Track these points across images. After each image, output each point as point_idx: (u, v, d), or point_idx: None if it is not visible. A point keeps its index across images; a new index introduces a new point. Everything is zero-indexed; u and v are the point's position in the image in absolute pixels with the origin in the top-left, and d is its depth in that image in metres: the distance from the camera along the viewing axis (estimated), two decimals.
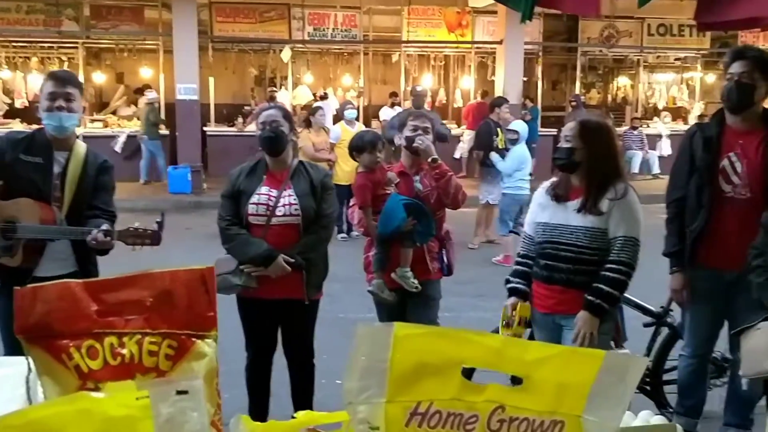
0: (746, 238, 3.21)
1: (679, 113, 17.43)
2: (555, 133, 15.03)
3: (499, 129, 8.89)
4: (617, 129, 8.41)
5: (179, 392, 1.03)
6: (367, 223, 4.01)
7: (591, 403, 1.24)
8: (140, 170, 13.15)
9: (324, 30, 15.08)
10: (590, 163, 3.17)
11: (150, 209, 11.43)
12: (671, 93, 17.59)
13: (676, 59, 17.60)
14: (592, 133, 3.21)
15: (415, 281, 3.90)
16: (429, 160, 3.91)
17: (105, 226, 3.18)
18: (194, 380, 1.10)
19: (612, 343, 3.44)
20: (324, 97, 13.98)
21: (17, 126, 12.74)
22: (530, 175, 8.37)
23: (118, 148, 13.33)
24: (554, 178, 3.38)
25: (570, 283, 3.17)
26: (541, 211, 3.32)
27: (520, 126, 8.44)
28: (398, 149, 4.24)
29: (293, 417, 1.32)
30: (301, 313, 3.68)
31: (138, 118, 13.86)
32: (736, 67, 3.36)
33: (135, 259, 2.75)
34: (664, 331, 4.17)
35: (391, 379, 1.16)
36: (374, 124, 13.89)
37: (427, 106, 12.47)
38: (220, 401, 1.51)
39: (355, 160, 4.27)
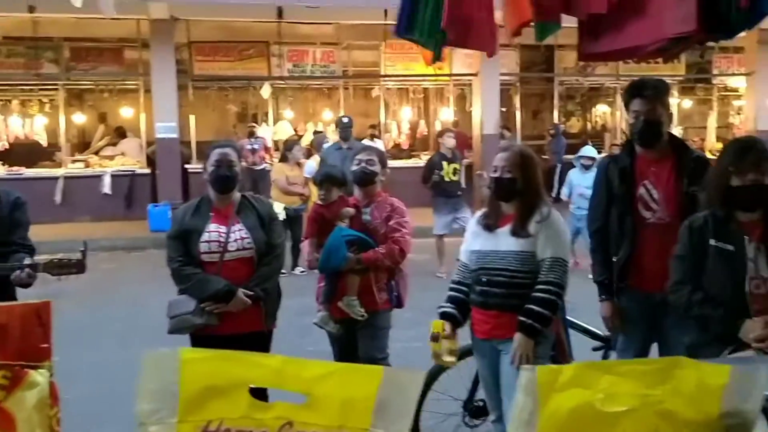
0: (667, 260, 3.33)
1: None
2: None
3: (445, 162, 9.06)
4: (598, 156, 8.67)
5: None
6: (309, 256, 4.08)
7: (377, 417, 1.32)
8: None
9: (303, 66, 15.30)
10: (525, 191, 3.30)
11: (129, 247, 11.58)
12: None
13: None
14: (528, 162, 3.35)
15: (361, 309, 3.94)
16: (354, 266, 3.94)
17: (27, 261, 3.25)
18: None
19: None
20: (318, 132, 14.13)
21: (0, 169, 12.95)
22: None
23: (107, 189, 13.46)
24: (485, 208, 3.48)
25: (505, 307, 3.25)
26: (474, 240, 3.42)
27: (592, 152, 8.72)
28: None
29: None
30: (262, 345, 3.72)
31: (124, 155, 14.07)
32: (638, 105, 3.47)
33: (110, 294, 2.81)
34: (613, 355, 4.24)
35: (182, 400, 1.25)
36: None
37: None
38: (58, 429, 1.60)
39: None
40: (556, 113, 17.01)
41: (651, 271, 3.50)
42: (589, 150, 9.10)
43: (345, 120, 9.65)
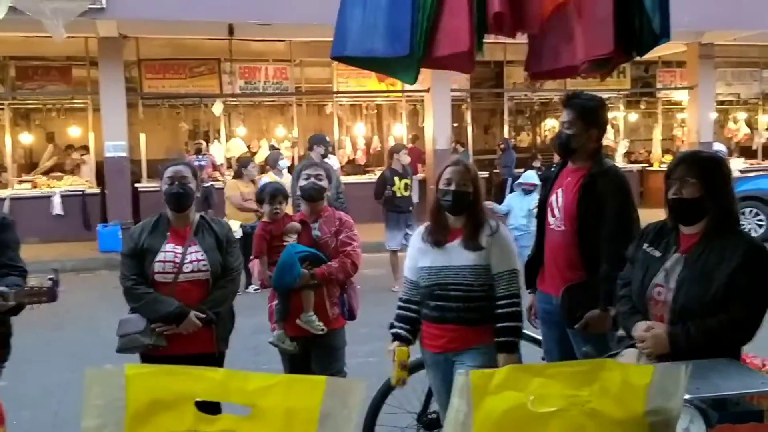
0: (562, 266, 3.57)
1: (605, 152, 17.99)
2: (486, 175, 15.51)
3: (396, 177, 9.17)
4: (538, 182, 8.88)
5: None
6: (261, 274, 4.06)
7: (322, 427, 1.37)
8: None
9: (255, 83, 15.33)
10: (475, 204, 3.37)
11: (79, 269, 11.37)
12: None
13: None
14: (476, 176, 3.42)
15: (320, 324, 3.93)
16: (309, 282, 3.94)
17: (2, 288, 3.11)
18: None
19: None
20: (274, 148, 14.10)
21: None
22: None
23: (58, 210, 13.25)
24: (427, 223, 3.53)
25: (462, 321, 3.28)
26: (422, 257, 3.42)
27: (533, 177, 8.92)
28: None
29: None
30: (214, 366, 3.66)
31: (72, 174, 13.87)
32: (563, 116, 3.64)
33: (60, 316, 2.72)
34: None
35: (129, 415, 1.27)
36: None
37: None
38: None
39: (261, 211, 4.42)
40: (506, 128, 17.32)
41: (549, 275, 3.69)
42: (530, 176, 9.30)
43: (327, 138, 9.75)
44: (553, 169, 3.92)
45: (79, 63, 14.19)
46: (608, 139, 18.28)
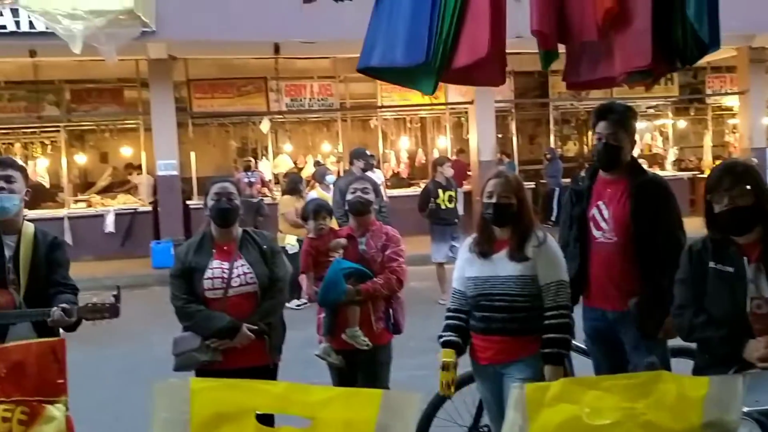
0: (619, 279, 3.51)
1: (655, 159, 17.72)
2: (533, 185, 15.40)
3: (440, 189, 9.15)
4: None
5: None
6: (308, 289, 4.14)
7: None
8: None
9: (301, 100, 15.51)
10: (520, 215, 3.37)
11: (132, 285, 11.61)
12: (645, 140, 17.91)
13: (647, 107, 18.00)
14: (520, 187, 3.43)
15: (365, 339, 3.97)
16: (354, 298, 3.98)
17: (65, 305, 3.25)
18: None
19: None
20: (319, 164, 14.27)
21: None
22: None
23: (110, 228, 13.57)
24: (474, 234, 3.55)
25: (506, 332, 3.30)
26: (469, 267, 3.45)
27: None
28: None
29: None
30: (268, 378, 3.67)
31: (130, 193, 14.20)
32: (602, 128, 3.60)
33: (114, 332, 2.80)
34: None
35: (193, 428, 1.32)
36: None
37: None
38: None
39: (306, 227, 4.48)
40: (552, 138, 17.18)
41: (599, 289, 3.62)
42: None
43: (368, 152, 9.82)
44: (581, 184, 3.83)
45: (131, 85, 14.56)
46: (657, 146, 18.01)
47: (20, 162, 3.88)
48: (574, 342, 4.11)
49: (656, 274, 3.42)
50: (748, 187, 2.67)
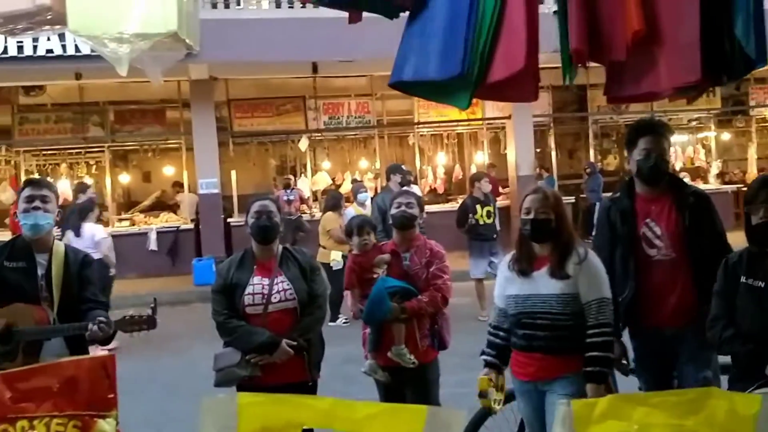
0: (679, 295, 3.44)
1: (697, 173, 17.42)
2: (573, 200, 15.26)
3: (478, 205, 9.11)
4: None
5: None
6: (353, 307, 4.13)
7: None
8: None
9: (339, 118, 15.67)
10: (559, 231, 3.34)
11: (174, 302, 11.78)
12: (687, 154, 17.62)
13: (689, 120, 17.73)
14: (558, 203, 3.40)
15: (411, 357, 3.94)
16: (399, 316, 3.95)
17: (102, 318, 3.32)
18: None
19: None
20: (356, 181, 14.39)
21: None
22: None
23: (153, 246, 13.82)
24: (513, 252, 3.52)
25: (548, 350, 3.27)
26: (509, 285, 3.43)
27: None
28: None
29: None
30: (308, 394, 3.59)
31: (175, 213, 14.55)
32: (649, 143, 3.55)
33: (157, 348, 2.85)
34: None
35: None
36: None
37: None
38: None
39: (350, 244, 4.46)
40: (592, 152, 17.01)
41: (659, 307, 3.54)
42: None
43: (405, 167, 9.87)
44: (618, 203, 3.73)
45: (173, 105, 14.86)
46: (700, 159, 17.69)
47: (52, 182, 4.02)
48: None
49: (702, 287, 3.33)
50: None
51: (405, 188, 8.94)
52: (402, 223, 4.16)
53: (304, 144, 15.02)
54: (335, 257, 9.28)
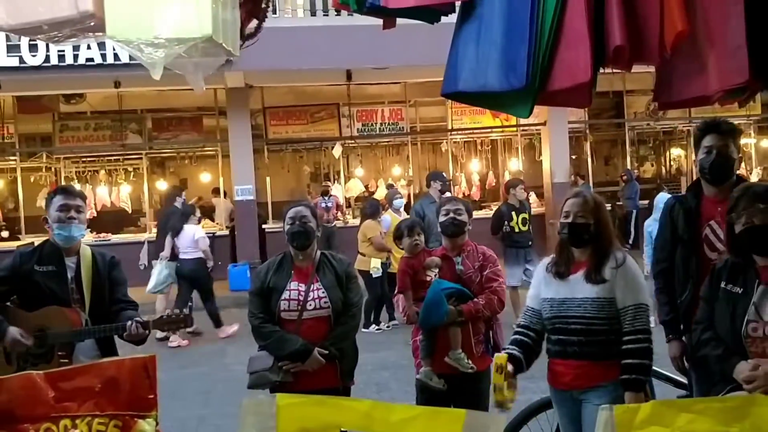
0: None
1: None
2: (609, 208, 15.07)
3: (513, 212, 9.03)
4: None
5: None
6: (407, 310, 4.01)
7: None
8: None
9: (372, 125, 15.73)
10: (598, 236, 3.30)
11: None
12: None
13: None
14: (598, 208, 3.36)
15: (469, 362, 3.87)
16: (456, 319, 3.88)
17: (137, 319, 3.42)
18: None
19: None
20: (391, 186, 14.39)
21: (89, 236, 13.59)
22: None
23: None
24: (552, 255, 3.50)
25: (583, 356, 3.23)
26: (545, 288, 3.40)
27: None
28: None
29: None
30: None
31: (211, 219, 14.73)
32: (712, 140, 3.50)
33: (193, 352, 2.87)
34: None
35: None
36: None
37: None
38: None
39: (399, 248, 4.45)
40: (628, 159, 16.81)
41: None
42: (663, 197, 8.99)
43: (444, 174, 9.86)
44: (684, 203, 3.68)
45: (209, 113, 15.06)
46: (741, 167, 17.35)
47: (82, 190, 4.13)
48: (674, 376, 4.00)
49: None
50: (762, 205, 2.67)
51: (441, 195, 8.94)
52: (451, 230, 4.12)
53: (337, 151, 15.10)
54: (375, 264, 9.27)
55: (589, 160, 16.74)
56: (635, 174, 16.05)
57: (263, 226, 14.27)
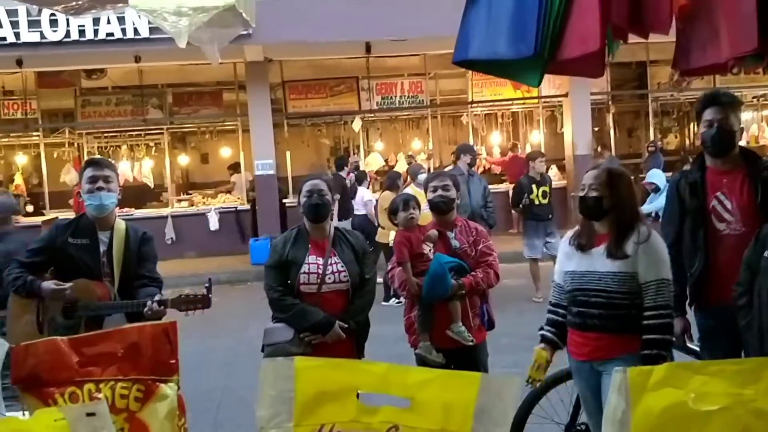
0: None
1: (762, 151, 16.81)
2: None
3: (534, 185, 8.99)
4: None
5: (88, 414, 1.29)
6: (408, 281, 4.01)
7: (477, 420, 1.41)
8: None
9: (392, 98, 15.65)
10: (616, 209, 3.28)
11: (233, 281, 12.03)
12: (752, 132, 17.03)
13: (753, 97, 17.11)
14: (616, 181, 3.33)
15: (470, 335, 3.93)
16: (458, 293, 3.95)
17: (158, 297, 3.47)
18: (99, 405, 1.36)
19: None
20: (412, 158, 14.38)
21: None
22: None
23: (214, 226, 14.11)
24: (576, 227, 3.49)
25: (603, 329, 3.24)
26: (567, 261, 3.41)
27: (657, 176, 8.70)
28: None
29: None
30: None
31: (230, 192, 14.80)
32: (712, 113, 3.49)
33: (215, 326, 2.87)
34: None
35: (297, 406, 1.38)
36: None
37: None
38: None
39: (393, 223, 4.47)
40: (651, 130, 16.59)
41: (727, 283, 3.40)
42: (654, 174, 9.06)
43: (474, 147, 9.87)
44: (689, 176, 3.67)
45: (229, 87, 15.08)
46: (765, 137, 17.08)
47: (113, 162, 4.16)
48: (692, 346, 3.99)
49: None
50: None
51: (471, 168, 8.93)
52: (439, 207, 4.15)
53: (357, 125, 15.07)
54: (393, 237, 9.28)
55: (612, 132, 16.56)
56: (660, 146, 15.84)
57: (283, 200, 14.34)
